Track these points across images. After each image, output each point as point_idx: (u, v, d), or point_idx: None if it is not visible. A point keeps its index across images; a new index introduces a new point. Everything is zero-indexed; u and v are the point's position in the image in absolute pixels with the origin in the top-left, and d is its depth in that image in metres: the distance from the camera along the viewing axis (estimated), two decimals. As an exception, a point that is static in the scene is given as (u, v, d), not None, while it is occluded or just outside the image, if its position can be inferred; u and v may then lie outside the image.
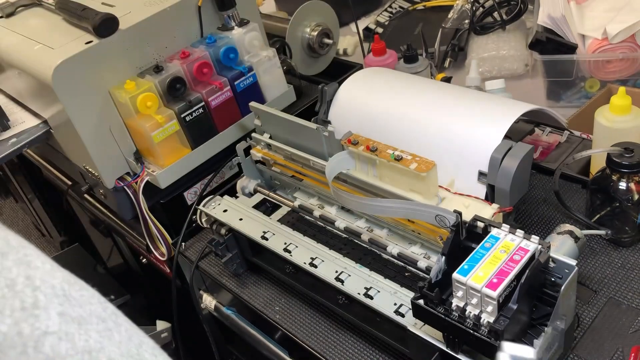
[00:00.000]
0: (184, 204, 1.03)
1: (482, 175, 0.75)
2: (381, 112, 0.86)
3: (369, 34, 1.56)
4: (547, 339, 0.61)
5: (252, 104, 0.91)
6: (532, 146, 0.73)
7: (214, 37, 0.99)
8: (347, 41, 1.52)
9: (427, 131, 0.81)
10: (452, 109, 0.82)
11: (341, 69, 1.25)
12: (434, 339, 0.64)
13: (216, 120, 0.99)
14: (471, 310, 0.58)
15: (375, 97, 0.89)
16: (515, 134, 0.79)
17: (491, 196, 0.75)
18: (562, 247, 0.73)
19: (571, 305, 0.64)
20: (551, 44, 1.17)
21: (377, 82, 0.93)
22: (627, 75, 1.14)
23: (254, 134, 0.92)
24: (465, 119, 0.79)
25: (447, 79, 1.06)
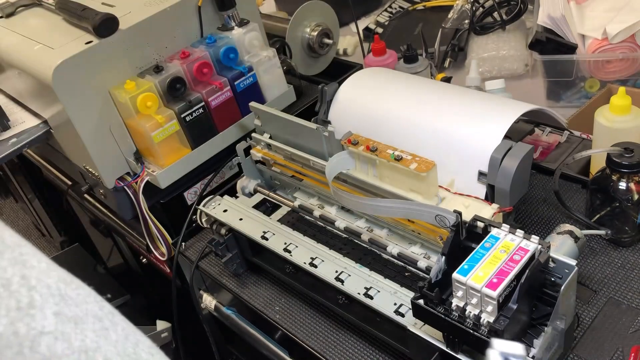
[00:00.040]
0: (184, 204, 1.03)
1: (482, 175, 0.75)
2: (381, 112, 0.86)
3: (369, 34, 1.56)
4: (547, 339, 0.61)
5: (252, 104, 0.91)
6: (532, 146, 0.73)
7: (214, 37, 0.99)
8: (347, 41, 1.52)
9: (427, 131, 0.81)
10: (452, 109, 0.82)
11: (341, 69, 1.25)
12: (434, 339, 0.64)
13: (216, 120, 0.99)
14: (471, 310, 0.58)
15: (375, 97, 0.89)
16: (515, 134, 0.79)
17: (491, 196, 0.75)
18: (562, 247, 0.73)
19: (571, 305, 0.64)
20: (551, 44, 1.17)
21: (377, 82, 0.93)
22: (627, 75, 1.14)
23: (254, 134, 0.92)
24: (465, 119, 0.79)
25: (447, 79, 1.06)
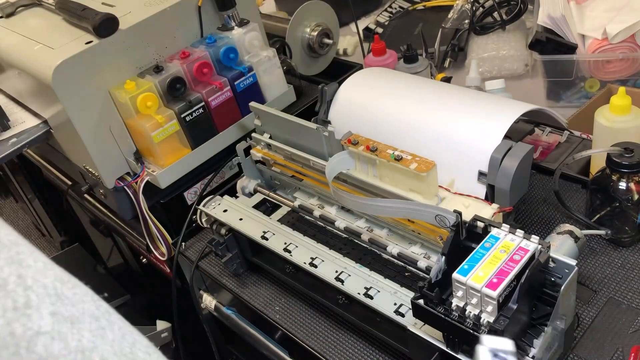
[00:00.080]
0: (184, 204, 1.02)
1: (482, 175, 0.75)
2: (381, 112, 0.86)
3: (369, 34, 1.56)
4: (547, 339, 0.61)
5: (252, 104, 0.91)
6: (532, 146, 0.73)
7: (214, 37, 0.99)
8: (347, 41, 1.52)
9: (427, 131, 0.81)
10: (452, 109, 0.82)
11: (341, 69, 1.25)
12: (434, 339, 0.64)
13: (216, 120, 0.99)
14: (471, 310, 0.58)
15: (375, 97, 0.89)
16: (515, 134, 0.79)
17: (491, 196, 0.75)
18: (562, 247, 0.73)
19: (571, 305, 0.64)
20: (551, 44, 1.17)
21: (377, 82, 0.93)
22: (627, 75, 1.14)
23: (254, 134, 0.92)
24: (465, 119, 0.79)
25: (447, 79, 1.06)
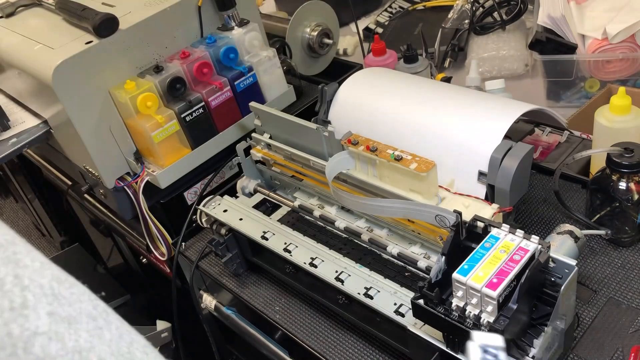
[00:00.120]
0: (184, 204, 1.02)
1: (482, 175, 0.75)
2: (381, 112, 0.86)
3: (369, 34, 1.56)
4: (547, 339, 0.61)
5: (252, 104, 0.91)
6: (532, 146, 0.73)
7: (214, 37, 0.99)
8: (347, 41, 1.52)
9: (427, 131, 0.81)
10: (452, 109, 0.82)
11: (341, 69, 1.25)
12: (434, 339, 0.64)
13: (216, 120, 0.99)
14: (471, 310, 0.58)
15: (375, 97, 0.89)
16: (515, 134, 0.79)
17: (491, 196, 0.75)
18: (562, 247, 0.73)
19: (571, 305, 0.64)
20: (551, 44, 1.17)
21: (377, 82, 0.93)
22: (627, 75, 1.14)
23: (254, 134, 0.92)
24: (465, 119, 0.79)
25: (447, 79, 1.06)
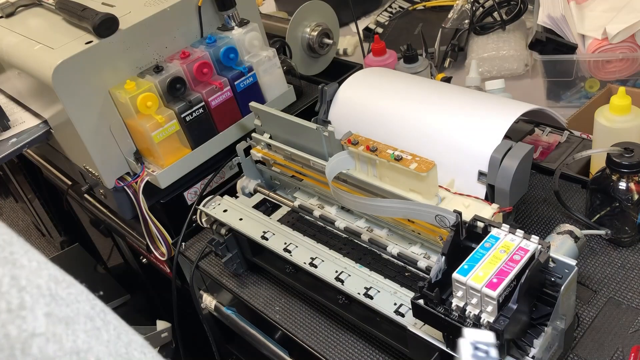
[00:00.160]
0: (184, 204, 1.03)
1: (482, 175, 0.75)
2: (381, 112, 0.86)
3: (369, 34, 1.56)
4: (547, 339, 0.61)
5: (252, 104, 0.91)
6: (532, 146, 0.73)
7: (214, 37, 0.99)
8: (347, 41, 1.52)
9: (427, 131, 0.81)
10: (452, 109, 0.82)
11: (341, 69, 1.25)
12: (434, 339, 0.64)
13: (216, 120, 0.99)
14: (471, 310, 0.58)
15: (375, 97, 0.89)
16: (515, 134, 0.79)
17: (491, 196, 0.75)
18: (562, 247, 0.73)
19: (571, 305, 0.64)
20: (551, 44, 1.17)
21: (377, 82, 0.93)
22: (627, 75, 1.14)
23: (254, 134, 0.92)
24: (465, 119, 0.79)
25: (447, 79, 1.06)
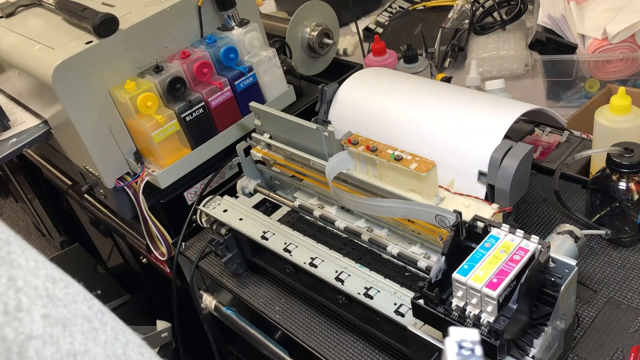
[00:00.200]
0: (184, 204, 1.03)
1: (482, 175, 0.75)
2: (381, 112, 0.86)
3: (369, 34, 1.56)
4: (547, 339, 0.61)
5: (252, 104, 0.91)
6: (532, 146, 0.73)
7: (214, 37, 0.99)
8: (347, 41, 1.52)
9: (427, 131, 0.81)
10: (452, 109, 0.82)
11: (341, 69, 1.25)
12: (434, 339, 0.64)
13: (216, 120, 0.99)
14: (471, 310, 0.58)
15: (375, 97, 0.89)
16: (515, 134, 0.79)
17: (491, 196, 0.75)
18: (562, 247, 0.73)
19: (571, 305, 0.64)
20: (551, 44, 1.17)
21: (377, 82, 0.93)
22: (627, 75, 1.14)
23: (254, 134, 0.92)
24: (465, 119, 0.79)
25: (447, 79, 1.06)
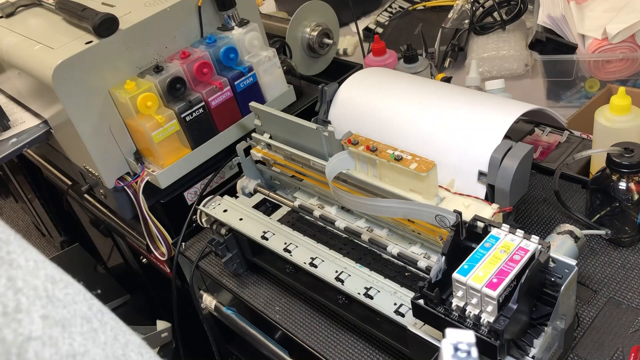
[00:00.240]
0: (184, 204, 1.03)
1: (482, 175, 0.75)
2: (381, 112, 0.86)
3: (369, 34, 1.56)
4: (547, 339, 0.61)
5: (252, 104, 0.91)
6: (532, 146, 0.73)
7: (214, 37, 0.99)
8: (347, 41, 1.52)
9: (427, 131, 0.81)
10: (452, 109, 0.82)
11: (341, 69, 1.25)
12: (434, 339, 0.64)
13: (216, 120, 0.99)
14: (471, 310, 0.58)
15: (375, 97, 0.89)
16: (515, 134, 0.79)
17: (491, 196, 0.75)
18: (562, 247, 0.73)
19: (571, 305, 0.64)
20: (551, 44, 1.17)
21: (377, 82, 0.93)
22: (627, 75, 1.14)
23: (254, 134, 0.92)
24: (465, 119, 0.79)
25: (447, 79, 1.06)
